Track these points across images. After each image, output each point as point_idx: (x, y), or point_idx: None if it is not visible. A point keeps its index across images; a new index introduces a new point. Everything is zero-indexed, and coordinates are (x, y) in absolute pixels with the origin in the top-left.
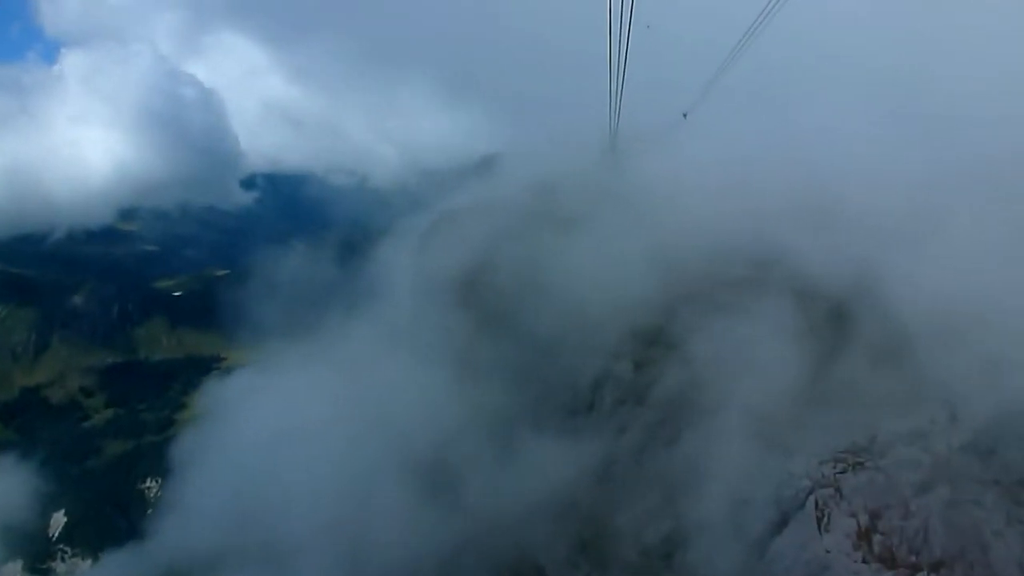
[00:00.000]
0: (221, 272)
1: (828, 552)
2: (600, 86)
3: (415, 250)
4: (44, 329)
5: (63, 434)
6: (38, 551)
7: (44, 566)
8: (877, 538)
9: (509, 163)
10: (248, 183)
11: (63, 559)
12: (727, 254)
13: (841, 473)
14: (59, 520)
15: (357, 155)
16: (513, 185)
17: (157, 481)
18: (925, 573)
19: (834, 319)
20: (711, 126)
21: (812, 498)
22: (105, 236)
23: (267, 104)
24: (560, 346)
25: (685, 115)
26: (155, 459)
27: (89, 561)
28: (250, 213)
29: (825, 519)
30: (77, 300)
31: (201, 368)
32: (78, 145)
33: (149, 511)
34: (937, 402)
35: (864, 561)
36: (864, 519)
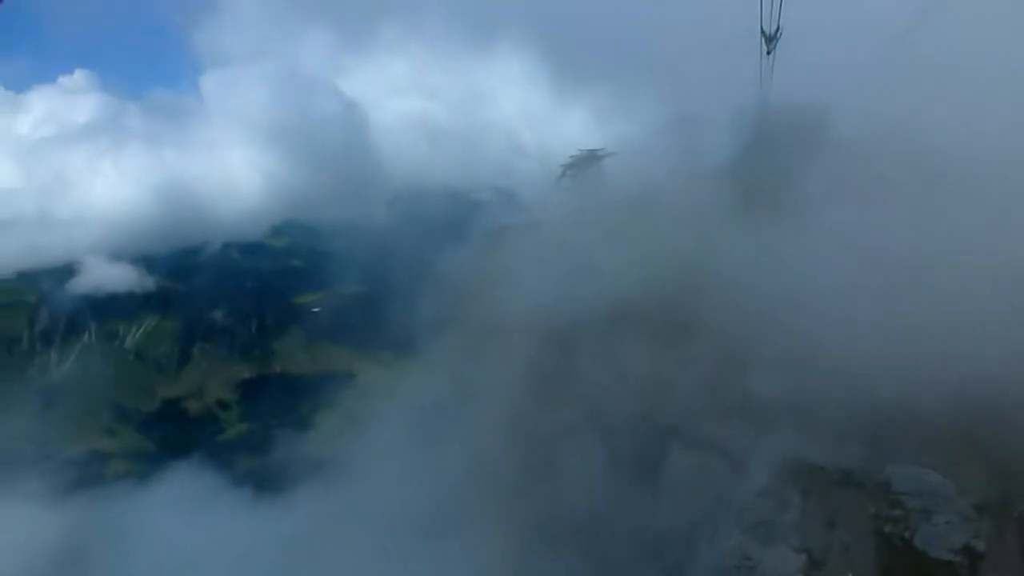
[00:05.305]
0: (360, 289)
1: None
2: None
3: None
4: (187, 341)
5: (198, 447)
6: None
7: None
8: None
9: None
10: (392, 201)
11: None
12: None
13: None
14: None
15: (500, 171)
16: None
17: None
18: None
19: None
20: None
21: None
22: (255, 251)
23: (408, 119)
24: None
25: None
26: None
27: None
28: (392, 231)
29: None
30: (218, 314)
31: (334, 385)
32: (232, 162)
33: None
34: None
35: None
36: None
